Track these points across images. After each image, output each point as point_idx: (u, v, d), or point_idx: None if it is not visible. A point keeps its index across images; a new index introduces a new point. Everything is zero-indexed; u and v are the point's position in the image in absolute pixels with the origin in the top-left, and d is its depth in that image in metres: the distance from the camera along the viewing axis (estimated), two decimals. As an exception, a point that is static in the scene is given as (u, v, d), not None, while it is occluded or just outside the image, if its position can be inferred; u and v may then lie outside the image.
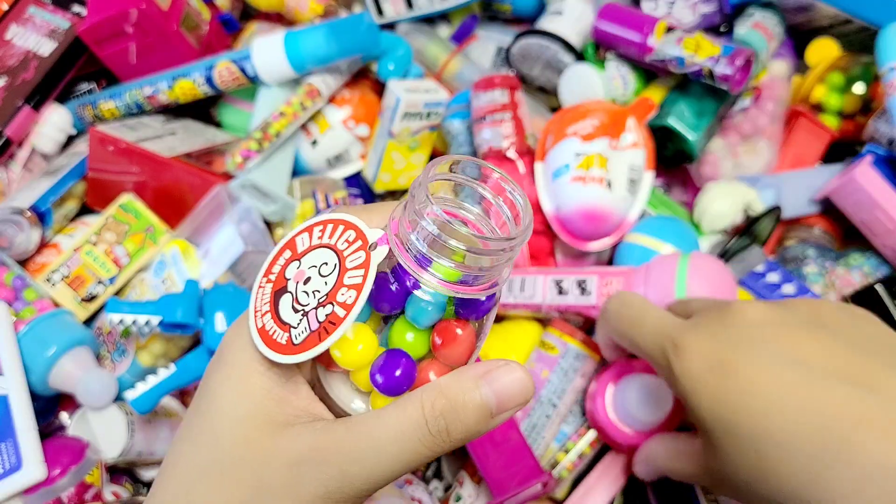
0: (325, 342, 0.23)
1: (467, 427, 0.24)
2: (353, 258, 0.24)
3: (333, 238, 0.25)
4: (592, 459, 0.51)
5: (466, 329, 0.25)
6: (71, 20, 0.63)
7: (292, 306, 0.24)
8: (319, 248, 0.25)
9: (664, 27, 0.57)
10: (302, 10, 0.67)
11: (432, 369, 0.25)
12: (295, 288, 0.25)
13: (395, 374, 0.24)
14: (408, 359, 0.25)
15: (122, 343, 0.55)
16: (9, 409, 0.45)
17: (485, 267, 0.23)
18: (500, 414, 0.24)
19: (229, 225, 0.55)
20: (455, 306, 0.25)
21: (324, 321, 0.23)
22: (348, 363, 0.25)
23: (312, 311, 0.24)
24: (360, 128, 0.65)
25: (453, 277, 0.23)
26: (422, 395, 0.24)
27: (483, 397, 0.24)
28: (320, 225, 0.26)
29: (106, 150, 0.57)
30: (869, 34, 0.55)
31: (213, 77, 0.61)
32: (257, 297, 0.26)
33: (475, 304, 0.25)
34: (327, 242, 0.25)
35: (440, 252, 0.23)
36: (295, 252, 0.26)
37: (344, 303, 0.23)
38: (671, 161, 0.60)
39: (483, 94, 0.58)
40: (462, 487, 0.51)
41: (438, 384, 0.24)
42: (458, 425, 0.23)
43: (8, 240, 0.54)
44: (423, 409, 0.23)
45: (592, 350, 0.51)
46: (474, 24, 0.72)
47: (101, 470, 0.49)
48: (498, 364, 0.24)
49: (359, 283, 0.23)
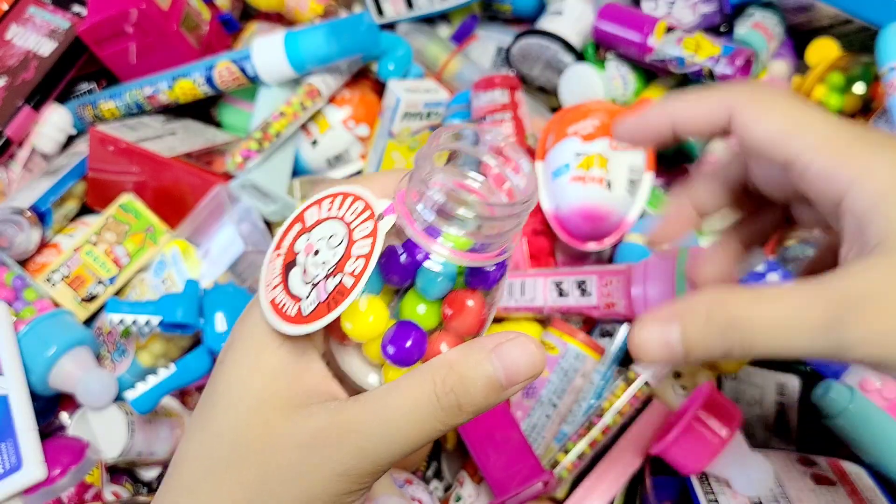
0: (333, 312, 0.23)
1: (477, 401, 0.23)
2: (360, 229, 0.24)
3: (342, 210, 0.25)
4: (592, 459, 0.51)
5: (477, 299, 0.25)
6: (71, 20, 0.63)
7: (302, 278, 0.24)
8: (329, 221, 0.25)
9: (664, 27, 0.57)
10: (302, 10, 0.67)
11: (444, 340, 0.25)
12: (304, 260, 0.25)
13: (406, 346, 0.24)
14: (418, 330, 0.25)
15: (122, 343, 0.55)
16: (9, 409, 0.45)
17: (493, 234, 0.23)
18: (511, 387, 0.24)
19: (229, 225, 0.55)
20: (465, 276, 0.25)
21: (332, 291, 0.23)
22: (360, 335, 0.25)
23: (321, 282, 0.24)
24: (360, 128, 0.65)
25: (462, 246, 0.23)
26: (433, 371, 0.23)
27: (493, 371, 0.23)
28: (329, 197, 0.26)
29: (106, 150, 0.57)
30: (869, 34, 0.55)
31: (213, 77, 0.61)
32: (268, 271, 0.26)
33: (485, 274, 0.25)
34: (336, 214, 0.25)
35: (448, 221, 0.23)
36: (305, 225, 0.26)
37: (352, 272, 0.23)
38: (671, 161, 0.60)
39: (483, 94, 0.58)
40: (462, 487, 0.51)
41: (448, 358, 0.24)
42: (469, 399, 0.23)
43: (8, 240, 0.54)
44: (433, 384, 0.23)
45: (592, 350, 0.51)
46: (474, 24, 0.72)
47: (101, 470, 0.49)
48: (508, 337, 0.24)
49: (366, 253, 0.23)
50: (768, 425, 0.52)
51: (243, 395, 0.25)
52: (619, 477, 0.48)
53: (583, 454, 0.50)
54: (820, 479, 0.45)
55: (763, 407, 0.53)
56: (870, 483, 0.45)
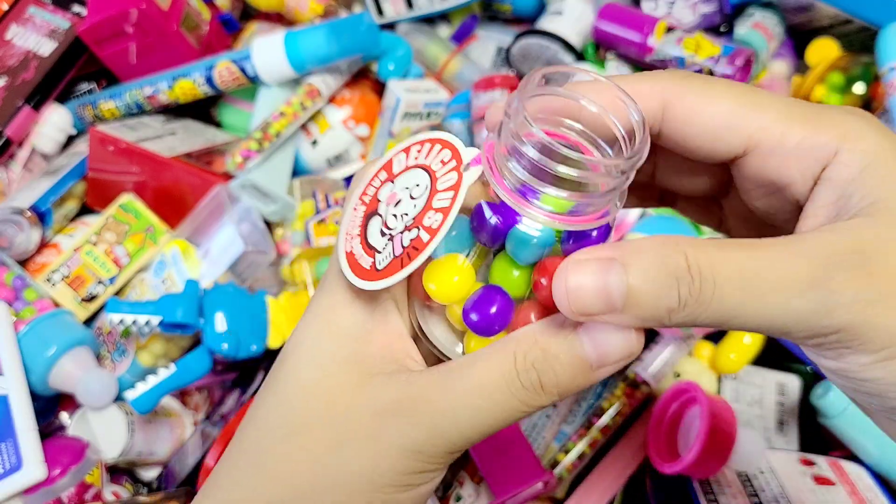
0: (406, 268, 0.21)
1: (562, 381, 0.21)
2: (444, 179, 0.22)
3: (429, 158, 0.23)
4: (592, 459, 0.51)
5: None
6: (71, 20, 0.63)
7: (381, 230, 0.23)
8: (414, 169, 0.23)
9: (664, 27, 0.57)
10: (302, 10, 0.67)
11: (533, 311, 0.23)
12: (385, 211, 0.23)
13: (490, 312, 0.22)
14: (504, 296, 0.22)
15: (122, 343, 0.55)
16: (9, 409, 0.45)
17: (595, 193, 0.20)
18: (602, 369, 0.21)
19: (229, 225, 0.55)
20: (562, 241, 0.22)
21: (408, 246, 0.21)
22: (442, 296, 0.23)
23: (399, 235, 0.22)
24: (360, 128, 0.65)
25: (560, 208, 0.21)
26: (515, 344, 0.21)
27: (582, 349, 0.21)
28: (419, 144, 0.24)
29: (106, 150, 0.57)
30: (869, 34, 0.55)
31: (213, 77, 0.61)
32: (349, 220, 0.24)
33: (586, 239, 0.22)
34: (423, 163, 0.23)
35: (545, 181, 0.20)
36: (390, 173, 0.24)
37: (430, 227, 0.21)
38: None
39: (483, 94, 0.58)
40: (462, 487, 0.51)
41: (533, 332, 0.21)
42: (552, 378, 0.21)
43: (8, 240, 0.54)
44: (514, 359, 0.21)
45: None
46: (474, 24, 0.72)
47: (101, 470, 0.49)
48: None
49: (446, 207, 0.21)
50: (768, 425, 0.52)
51: (314, 356, 0.23)
52: (619, 477, 0.48)
53: (583, 454, 0.50)
54: (820, 479, 0.45)
55: (763, 407, 0.53)
56: (870, 483, 0.45)
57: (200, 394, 0.59)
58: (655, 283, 0.19)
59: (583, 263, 0.20)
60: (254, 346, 0.51)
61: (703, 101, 0.22)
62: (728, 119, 0.22)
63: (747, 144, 0.22)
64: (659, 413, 0.47)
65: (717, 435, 0.42)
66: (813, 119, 0.21)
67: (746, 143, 0.22)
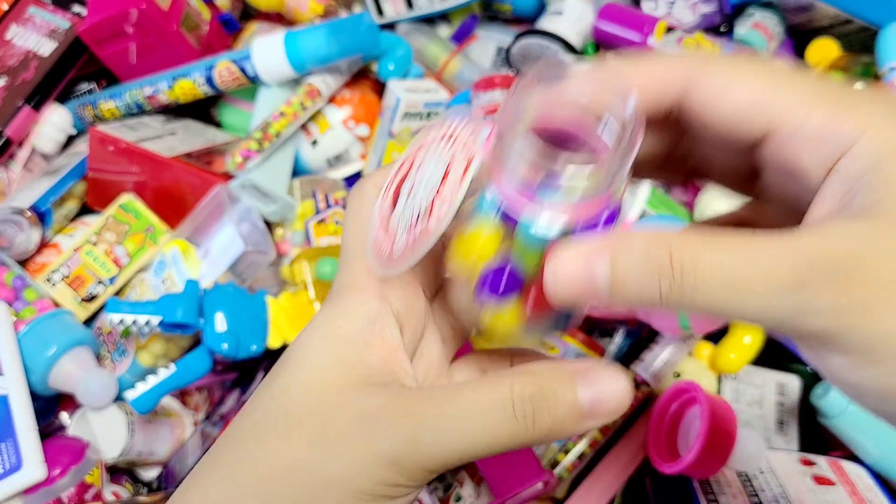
0: (414, 255, 0.22)
1: (554, 420, 0.21)
2: (456, 168, 0.23)
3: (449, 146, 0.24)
4: (592, 459, 0.51)
5: None
6: (71, 20, 0.63)
7: (401, 216, 0.23)
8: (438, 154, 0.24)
9: (664, 27, 0.57)
10: (302, 10, 0.67)
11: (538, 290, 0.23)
12: (408, 196, 0.24)
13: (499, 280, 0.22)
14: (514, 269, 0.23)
15: (122, 343, 0.55)
16: (9, 409, 0.45)
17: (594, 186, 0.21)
18: (591, 419, 0.22)
19: (229, 225, 0.55)
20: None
21: (419, 234, 0.22)
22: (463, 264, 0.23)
23: (415, 221, 0.23)
24: (361, 128, 0.65)
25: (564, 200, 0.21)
26: (513, 377, 0.22)
27: (578, 396, 0.21)
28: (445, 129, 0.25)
29: (106, 150, 0.57)
30: (869, 34, 0.55)
31: (213, 77, 0.61)
32: (380, 207, 0.25)
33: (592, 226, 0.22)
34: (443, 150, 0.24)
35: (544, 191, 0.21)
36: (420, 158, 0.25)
37: (438, 216, 0.22)
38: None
39: (483, 94, 0.59)
40: (462, 487, 0.51)
41: (532, 368, 0.22)
42: (545, 416, 0.21)
43: (8, 240, 0.54)
44: (511, 388, 0.21)
45: (592, 350, 0.51)
46: (474, 24, 0.72)
47: (101, 470, 0.49)
48: (602, 364, 0.22)
49: (451, 198, 0.22)
50: (768, 425, 0.52)
51: (311, 358, 0.23)
52: (619, 477, 0.48)
53: (583, 454, 0.50)
54: (820, 479, 0.45)
55: (763, 407, 0.53)
56: (870, 483, 0.45)
57: (200, 394, 0.59)
58: (639, 276, 0.20)
59: (573, 253, 0.20)
60: (254, 346, 0.51)
61: (725, 85, 0.21)
62: (749, 104, 0.21)
63: (768, 129, 0.21)
64: (659, 413, 0.47)
65: (717, 435, 0.42)
66: (837, 104, 0.20)
67: (767, 127, 0.21)
